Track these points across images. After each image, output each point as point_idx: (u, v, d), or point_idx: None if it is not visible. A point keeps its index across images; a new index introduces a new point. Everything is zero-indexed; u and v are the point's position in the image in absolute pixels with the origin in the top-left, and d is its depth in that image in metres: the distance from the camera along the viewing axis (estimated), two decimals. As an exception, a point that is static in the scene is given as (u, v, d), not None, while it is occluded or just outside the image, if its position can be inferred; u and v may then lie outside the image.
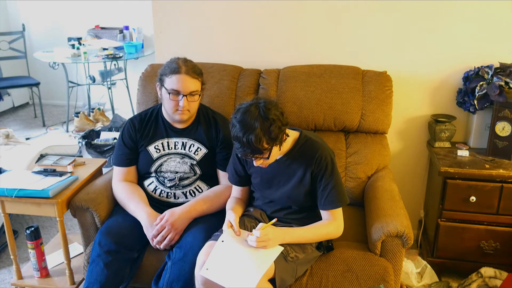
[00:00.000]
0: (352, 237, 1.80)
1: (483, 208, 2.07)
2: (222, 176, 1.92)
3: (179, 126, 1.92)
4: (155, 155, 1.91)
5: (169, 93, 1.79)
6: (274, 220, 1.56)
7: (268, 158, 1.51)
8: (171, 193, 1.90)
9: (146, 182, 1.94)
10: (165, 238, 1.73)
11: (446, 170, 2.05)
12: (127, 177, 1.93)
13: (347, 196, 1.66)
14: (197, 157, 1.90)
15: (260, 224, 1.56)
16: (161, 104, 1.94)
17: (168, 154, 1.91)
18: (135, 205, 1.83)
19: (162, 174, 1.91)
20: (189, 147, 1.91)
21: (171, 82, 1.78)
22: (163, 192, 1.91)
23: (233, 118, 1.50)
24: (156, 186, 1.92)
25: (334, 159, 1.62)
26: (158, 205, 1.90)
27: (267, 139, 1.45)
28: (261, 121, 1.44)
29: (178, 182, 1.90)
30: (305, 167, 1.60)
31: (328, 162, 1.59)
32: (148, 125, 1.94)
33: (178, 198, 1.91)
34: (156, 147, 1.91)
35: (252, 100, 1.53)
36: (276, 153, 1.54)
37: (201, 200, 1.85)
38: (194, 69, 1.81)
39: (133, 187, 1.91)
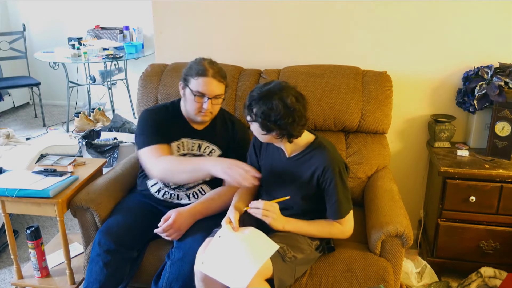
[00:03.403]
0: (352, 237, 1.80)
1: (483, 208, 2.07)
2: None
3: (197, 127, 1.91)
4: (175, 153, 1.88)
5: (194, 95, 1.78)
6: (287, 197, 1.58)
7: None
8: (174, 194, 1.89)
9: (150, 182, 1.92)
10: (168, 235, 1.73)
11: (446, 170, 2.05)
12: (165, 154, 1.79)
13: (350, 206, 1.65)
14: None
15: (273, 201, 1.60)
16: (178, 101, 1.93)
17: (187, 154, 1.89)
18: (197, 158, 1.72)
19: None
20: (204, 149, 1.90)
21: (197, 84, 1.76)
22: (166, 193, 1.90)
23: (270, 81, 1.56)
24: (160, 188, 1.90)
25: (342, 171, 1.61)
26: (160, 206, 1.90)
27: (268, 120, 1.49)
28: (279, 103, 1.47)
29: (184, 184, 1.89)
30: (313, 172, 1.61)
31: (335, 174, 1.58)
32: (172, 122, 1.89)
33: (181, 199, 1.90)
34: (178, 145, 1.89)
35: (296, 88, 1.55)
36: (271, 139, 1.57)
37: (205, 201, 1.83)
38: (220, 73, 1.79)
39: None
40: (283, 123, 1.49)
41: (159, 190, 1.91)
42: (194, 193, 1.90)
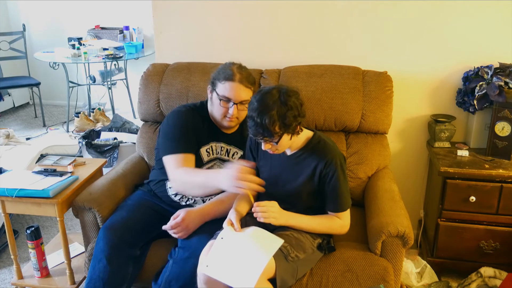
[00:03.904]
0: (352, 237, 1.81)
1: (483, 208, 2.07)
2: None
3: (226, 131, 1.90)
4: (205, 158, 1.86)
5: (220, 99, 1.76)
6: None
7: (277, 143, 1.52)
8: (191, 198, 1.88)
9: (169, 183, 1.89)
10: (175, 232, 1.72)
11: (446, 170, 2.05)
12: (186, 164, 1.75)
13: (350, 200, 1.68)
14: None
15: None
16: (205, 102, 1.90)
17: (216, 159, 1.88)
18: (205, 173, 1.69)
19: None
20: (232, 155, 1.89)
21: (223, 88, 1.75)
22: (184, 197, 1.88)
23: (253, 97, 1.52)
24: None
25: (343, 164, 1.64)
26: (166, 206, 1.89)
27: (280, 124, 1.46)
28: (279, 105, 1.45)
29: None
30: (315, 167, 1.61)
31: (337, 167, 1.60)
32: (202, 125, 1.85)
33: (196, 202, 1.88)
34: (208, 150, 1.87)
35: (275, 85, 1.54)
36: (286, 143, 1.54)
37: (215, 203, 1.81)
38: (248, 78, 1.76)
39: (194, 168, 1.76)
40: (297, 110, 1.49)
41: (176, 194, 1.89)
42: (210, 198, 1.88)
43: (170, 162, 1.77)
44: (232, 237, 1.54)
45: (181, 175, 1.72)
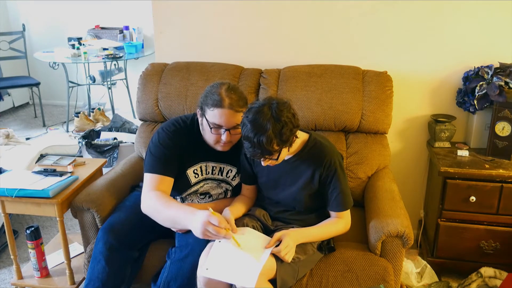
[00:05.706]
0: (352, 237, 1.80)
1: (483, 208, 2.07)
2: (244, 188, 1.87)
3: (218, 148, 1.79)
4: (193, 180, 1.80)
5: (211, 127, 1.65)
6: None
7: (277, 159, 1.51)
8: (198, 202, 1.87)
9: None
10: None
11: (446, 170, 2.05)
12: (162, 186, 1.69)
13: (352, 199, 1.68)
14: (234, 183, 1.85)
15: (275, 236, 1.55)
16: (196, 116, 1.79)
17: (205, 179, 1.82)
18: (177, 209, 1.61)
19: (191, 196, 1.85)
20: (227, 173, 1.84)
21: (213, 115, 1.62)
22: (181, 198, 1.86)
23: (244, 117, 1.47)
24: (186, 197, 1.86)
25: (342, 163, 1.64)
26: None
27: (278, 141, 1.43)
28: (273, 123, 1.42)
29: (211, 194, 1.86)
30: (313, 170, 1.61)
31: (337, 166, 1.60)
32: (189, 145, 1.76)
33: (192, 202, 1.87)
34: (195, 171, 1.80)
35: (264, 99, 1.49)
36: (285, 154, 1.54)
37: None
38: (238, 102, 1.62)
39: (169, 197, 1.69)
40: (292, 123, 1.46)
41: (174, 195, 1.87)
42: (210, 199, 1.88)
43: (147, 180, 1.71)
44: (229, 240, 1.54)
45: (152, 200, 1.66)
